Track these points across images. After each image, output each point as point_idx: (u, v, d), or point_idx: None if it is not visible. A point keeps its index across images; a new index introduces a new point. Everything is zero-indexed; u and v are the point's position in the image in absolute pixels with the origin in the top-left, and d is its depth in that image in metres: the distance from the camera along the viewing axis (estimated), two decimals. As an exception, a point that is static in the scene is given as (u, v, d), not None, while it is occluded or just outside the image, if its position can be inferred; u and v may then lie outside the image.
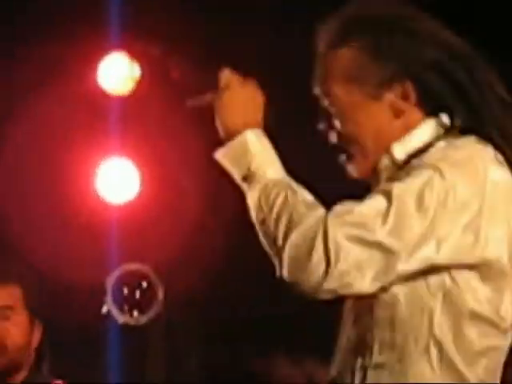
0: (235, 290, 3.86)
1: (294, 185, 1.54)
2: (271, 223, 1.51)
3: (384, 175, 1.59)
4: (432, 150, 1.54)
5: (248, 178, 1.56)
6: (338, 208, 1.50)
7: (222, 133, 1.59)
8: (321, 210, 1.49)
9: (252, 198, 1.54)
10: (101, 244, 3.72)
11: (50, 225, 3.81)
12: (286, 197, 1.51)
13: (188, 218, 3.83)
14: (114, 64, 3.93)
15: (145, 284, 3.65)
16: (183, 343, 4.00)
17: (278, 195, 1.52)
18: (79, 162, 3.91)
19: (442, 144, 1.56)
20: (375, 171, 1.61)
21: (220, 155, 1.58)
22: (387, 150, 1.57)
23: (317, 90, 1.63)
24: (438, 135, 1.58)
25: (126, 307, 3.53)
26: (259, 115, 1.61)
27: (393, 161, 1.57)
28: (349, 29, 1.60)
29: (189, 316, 3.91)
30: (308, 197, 1.53)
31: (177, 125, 3.87)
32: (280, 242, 1.48)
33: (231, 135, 1.56)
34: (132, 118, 3.87)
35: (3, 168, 3.85)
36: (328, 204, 1.57)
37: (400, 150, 1.56)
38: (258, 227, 1.55)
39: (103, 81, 3.87)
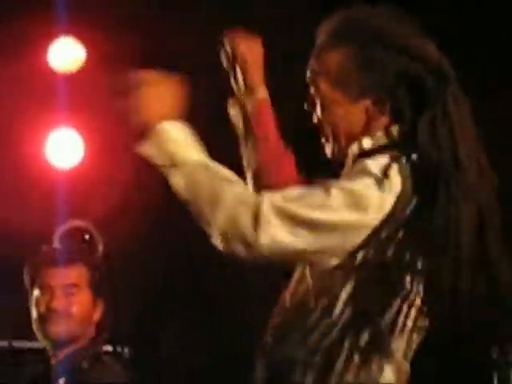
0: (168, 244, 3.98)
1: (213, 164, 1.60)
2: (198, 201, 1.56)
3: (349, 161, 1.68)
4: (379, 159, 1.61)
5: (171, 164, 1.58)
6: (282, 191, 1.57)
7: (140, 128, 1.60)
8: (241, 182, 1.59)
9: (177, 182, 1.58)
10: (49, 203, 3.80)
11: (4, 187, 3.96)
12: (208, 176, 1.56)
13: (125, 180, 3.91)
14: (63, 46, 4.03)
15: (87, 238, 3.62)
16: (121, 292, 3.81)
17: (200, 175, 1.56)
18: (31, 131, 4.05)
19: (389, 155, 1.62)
20: (344, 156, 1.70)
21: (142, 148, 1.60)
22: (357, 140, 1.66)
23: (307, 78, 1.73)
24: (393, 142, 1.67)
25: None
26: (176, 109, 1.63)
27: (360, 149, 1.66)
28: (341, 34, 1.69)
29: (126, 268, 3.92)
30: (227, 172, 1.59)
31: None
32: (209, 215, 1.53)
33: (149, 129, 1.58)
34: (78, 94, 3.97)
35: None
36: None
37: (367, 143, 1.66)
38: (187, 206, 1.58)
39: (53, 61, 4.01)
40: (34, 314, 2.78)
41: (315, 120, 1.73)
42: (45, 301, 2.76)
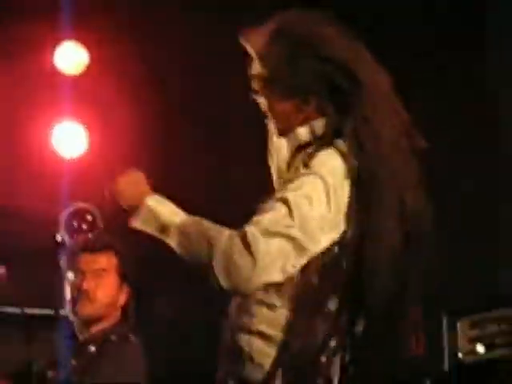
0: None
1: (197, 219, 1.71)
2: (195, 253, 1.66)
3: (289, 148, 1.83)
4: (315, 157, 1.71)
5: (163, 230, 1.70)
6: (250, 223, 1.64)
7: (129, 210, 1.76)
8: (225, 229, 1.67)
9: (174, 243, 1.69)
10: (56, 188, 3.96)
11: (15, 173, 4.23)
12: (198, 231, 1.67)
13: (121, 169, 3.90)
14: (68, 50, 4.26)
15: (90, 218, 3.44)
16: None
17: (190, 233, 1.67)
18: (39, 123, 4.27)
19: (322, 151, 1.73)
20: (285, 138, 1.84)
21: (134, 223, 1.74)
22: (292, 131, 1.81)
23: (252, 76, 1.85)
24: (321, 133, 1.78)
25: (75, 236, 3.36)
26: (147, 186, 1.79)
27: (295, 140, 1.81)
28: (275, 39, 1.79)
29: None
30: (210, 223, 1.69)
31: (117, 97, 4.28)
32: (209, 260, 1.63)
33: (135, 207, 1.74)
34: (81, 92, 4.26)
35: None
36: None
37: (299, 136, 1.79)
38: (189, 261, 1.68)
39: (59, 63, 4.25)
40: (68, 295, 2.98)
41: (264, 108, 1.87)
42: (76, 283, 2.95)
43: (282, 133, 1.86)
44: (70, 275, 2.98)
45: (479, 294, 3.80)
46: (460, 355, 3.54)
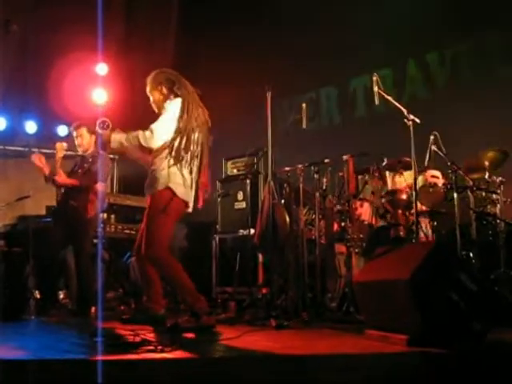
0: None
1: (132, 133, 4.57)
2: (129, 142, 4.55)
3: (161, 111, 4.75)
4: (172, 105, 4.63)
5: (119, 144, 4.60)
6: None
7: (108, 143, 4.56)
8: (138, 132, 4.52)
9: (117, 144, 4.61)
10: (95, 113, 7.18)
11: (79, 109, 7.65)
12: (128, 136, 4.55)
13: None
14: (101, 67, 8.30)
15: (107, 123, 4.98)
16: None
17: (125, 139, 4.58)
18: (87, 88, 8.47)
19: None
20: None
21: (111, 144, 4.59)
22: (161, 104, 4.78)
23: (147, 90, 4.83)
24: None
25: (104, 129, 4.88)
26: (110, 133, 4.61)
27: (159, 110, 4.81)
28: (159, 80, 4.89)
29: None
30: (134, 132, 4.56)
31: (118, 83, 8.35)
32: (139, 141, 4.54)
33: (109, 142, 4.58)
34: (105, 79, 8.33)
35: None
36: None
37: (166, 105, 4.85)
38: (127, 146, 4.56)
39: (97, 70, 8.37)
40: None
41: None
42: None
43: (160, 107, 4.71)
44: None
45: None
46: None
